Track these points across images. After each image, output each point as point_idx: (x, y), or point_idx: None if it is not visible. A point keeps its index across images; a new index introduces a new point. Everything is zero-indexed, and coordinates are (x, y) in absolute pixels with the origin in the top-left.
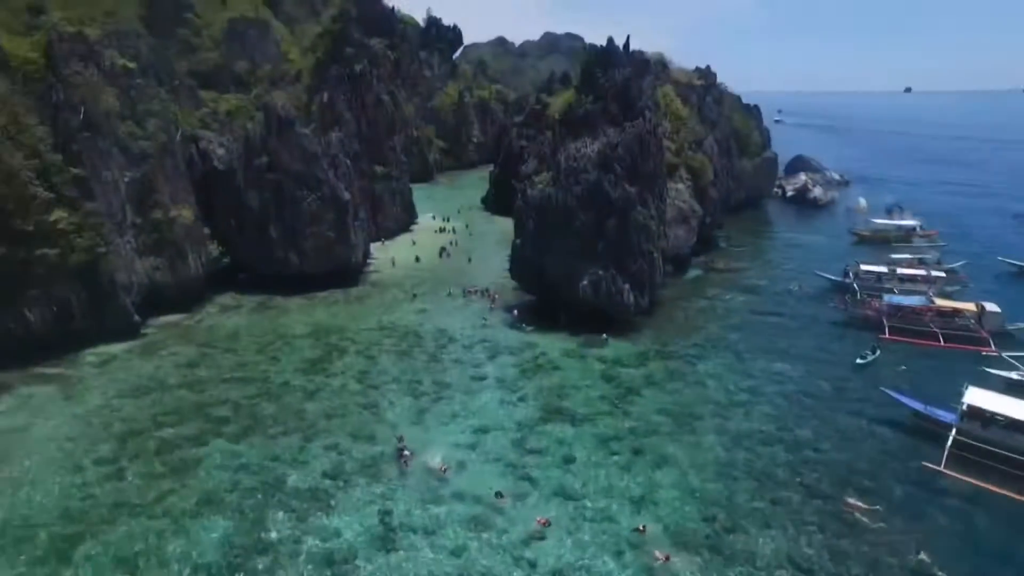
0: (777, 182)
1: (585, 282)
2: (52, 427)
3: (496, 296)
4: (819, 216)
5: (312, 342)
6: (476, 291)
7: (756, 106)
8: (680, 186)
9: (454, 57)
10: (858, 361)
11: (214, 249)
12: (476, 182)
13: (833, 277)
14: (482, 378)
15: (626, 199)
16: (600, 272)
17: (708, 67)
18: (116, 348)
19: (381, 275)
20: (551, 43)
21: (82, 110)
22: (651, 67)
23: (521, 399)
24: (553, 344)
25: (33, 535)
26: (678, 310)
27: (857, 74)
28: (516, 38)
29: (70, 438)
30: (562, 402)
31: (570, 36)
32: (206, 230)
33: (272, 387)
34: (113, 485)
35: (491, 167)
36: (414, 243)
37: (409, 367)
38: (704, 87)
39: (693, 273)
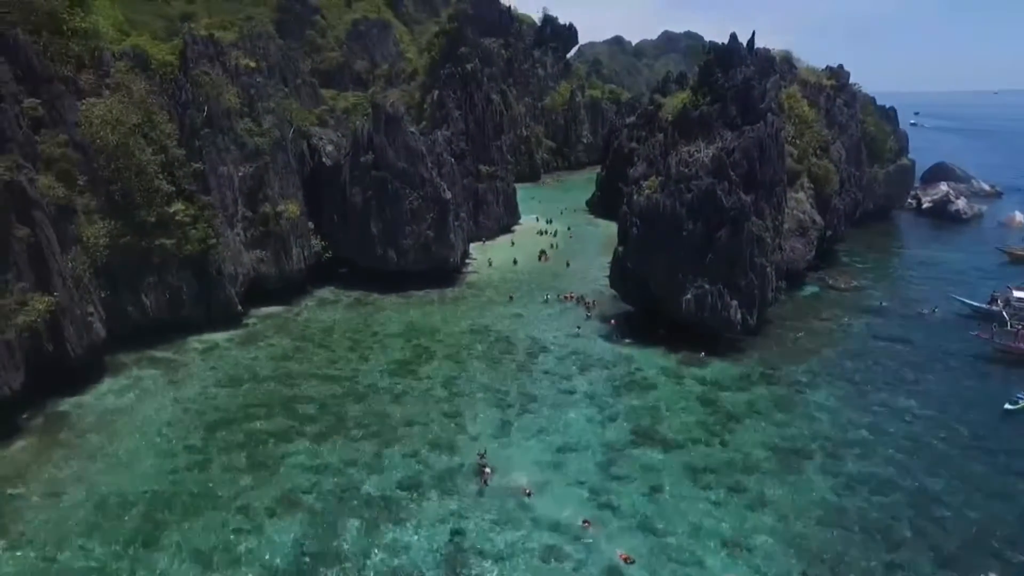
0: (912, 192)
1: (689, 296)
2: (154, 410)
3: (593, 304)
4: (961, 232)
5: (403, 342)
6: (572, 297)
7: (892, 108)
8: (800, 195)
9: (568, 56)
10: (1007, 407)
11: (317, 243)
12: (583, 184)
13: (976, 304)
14: (571, 392)
15: (740, 208)
16: (706, 286)
17: (840, 66)
18: (219, 336)
19: (478, 276)
20: (669, 42)
21: (206, 108)
22: (775, 66)
23: (611, 418)
24: (650, 359)
25: (127, 514)
26: (789, 330)
27: (1000, 71)
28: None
29: (169, 423)
30: (654, 425)
31: (689, 35)
32: (311, 224)
33: (359, 387)
34: (200, 475)
35: (599, 169)
36: (513, 244)
37: (497, 375)
38: (835, 88)
39: (808, 290)
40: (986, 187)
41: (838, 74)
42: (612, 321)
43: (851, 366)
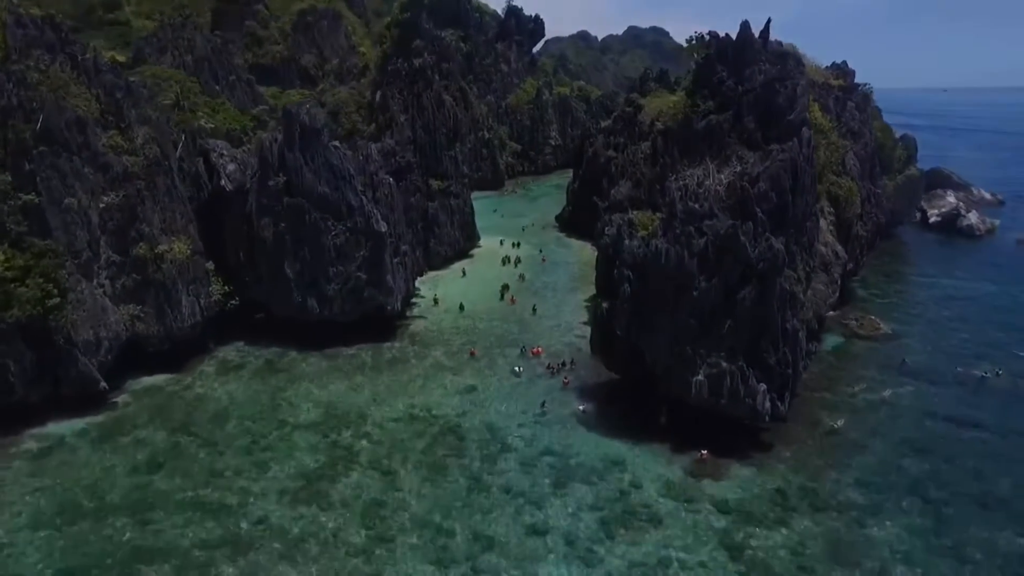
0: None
1: (701, 377)
2: None
3: (569, 366)
4: (978, 251)
5: (317, 438)
6: (540, 352)
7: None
8: (821, 222)
9: (534, 51)
10: None
11: (218, 289)
12: (551, 191)
13: None
14: (542, 531)
15: (771, 259)
16: (724, 363)
17: (845, 63)
18: (69, 427)
19: (425, 323)
20: (634, 38)
21: (40, 118)
22: (796, 64)
23: None
24: (648, 466)
25: None
26: (819, 406)
27: (947, 69)
28: (599, 32)
29: None
30: None
31: (655, 31)
32: (210, 265)
33: (243, 527)
34: None
35: (569, 172)
36: (465, 274)
37: (439, 500)
38: (843, 88)
39: (831, 341)
40: (987, 195)
41: (845, 73)
42: (582, 408)
43: (916, 471)
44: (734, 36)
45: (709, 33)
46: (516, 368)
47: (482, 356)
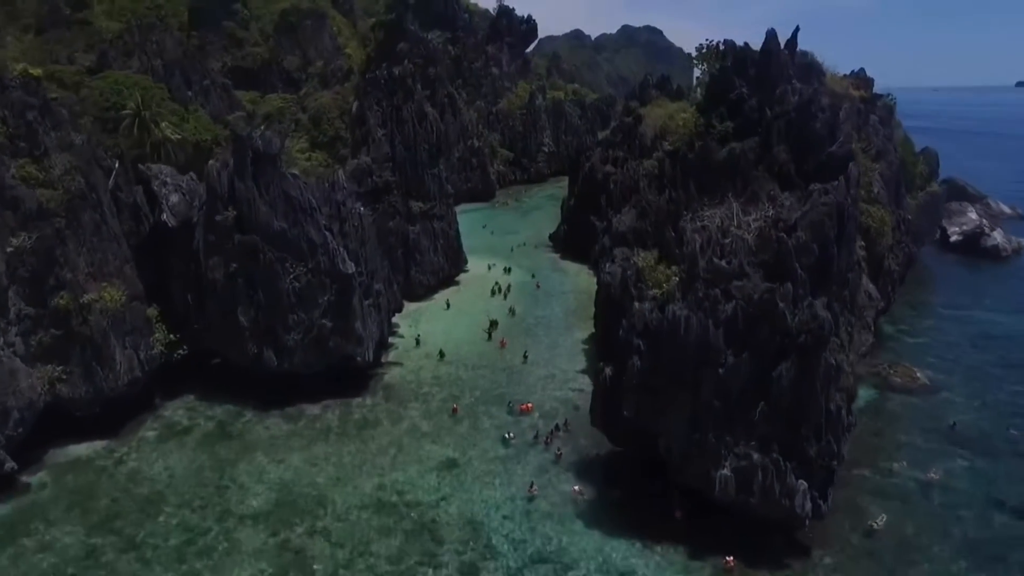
0: None
1: (727, 471)
2: None
3: (563, 433)
4: (1009, 275)
5: (264, 536)
6: (530, 409)
7: None
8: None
9: (526, 52)
10: None
11: (161, 337)
12: (544, 203)
13: None
14: None
15: (815, 329)
16: (755, 455)
17: (862, 70)
18: None
19: (402, 373)
20: (628, 36)
21: None
22: (818, 75)
23: None
24: None
25: None
26: (863, 490)
27: (937, 67)
28: (592, 31)
29: None
30: None
31: (649, 29)
32: (152, 311)
33: None
34: None
35: (563, 180)
36: (448, 305)
37: None
38: (864, 99)
39: (863, 395)
40: (1006, 209)
41: (865, 81)
42: (579, 490)
43: None
44: (749, 43)
45: (724, 42)
46: (506, 435)
47: (465, 414)
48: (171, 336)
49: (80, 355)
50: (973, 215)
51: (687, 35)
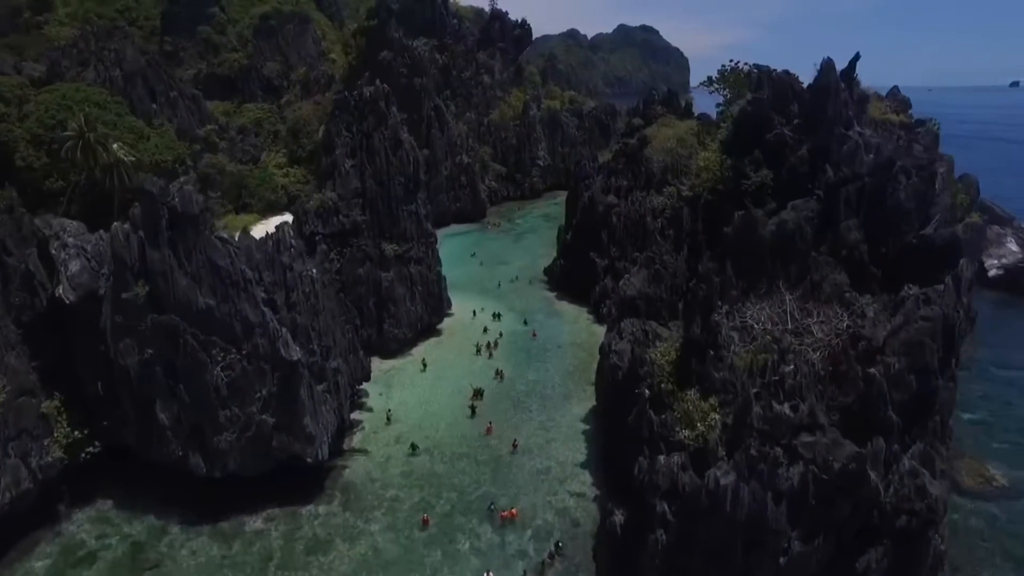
0: None
1: None
2: None
3: (557, 568)
4: None
5: None
6: (514, 516)
7: None
8: None
9: (520, 57)
10: None
11: (62, 438)
12: (539, 225)
13: None
14: None
15: (923, 511)
16: None
17: (896, 89)
18: None
19: (366, 467)
20: (624, 36)
21: None
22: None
23: None
24: None
25: None
26: None
27: (953, 68)
28: (588, 31)
29: None
30: None
31: (645, 29)
32: (50, 403)
33: None
34: None
35: (558, 196)
36: (425, 366)
37: None
38: (905, 126)
39: None
40: None
41: (903, 103)
42: None
43: None
44: (757, 42)
45: (753, 66)
46: (486, 574)
47: (438, 530)
48: (77, 433)
49: None
50: (1013, 245)
51: (683, 35)
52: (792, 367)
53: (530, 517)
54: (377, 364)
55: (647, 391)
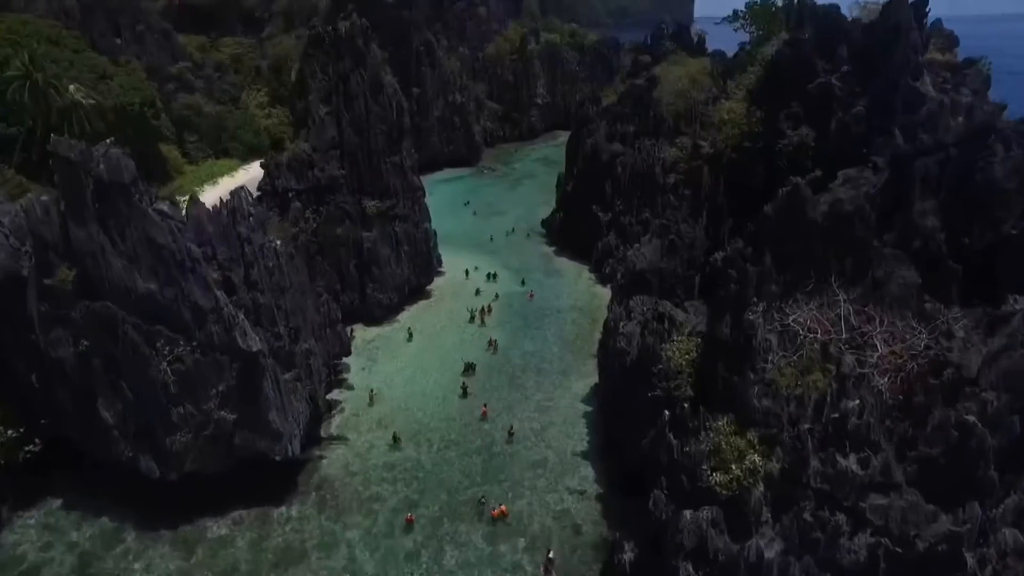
0: None
1: None
2: None
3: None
4: None
5: None
6: (505, 514)
7: None
8: None
9: None
10: None
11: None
12: (537, 169)
13: None
14: None
15: None
16: None
17: (939, 21)
18: None
19: (345, 456)
20: None
21: None
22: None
23: None
24: None
25: None
26: None
27: None
28: None
29: None
30: None
31: None
32: None
33: None
34: None
35: (558, 136)
36: (411, 336)
37: None
38: (952, 68)
39: None
40: None
41: (949, 39)
42: None
43: None
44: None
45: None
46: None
47: (424, 535)
48: (11, 432)
49: None
50: None
51: None
52: (857, 402)
53: (526, 522)
54: (361, 333)
55: (666, 413)
